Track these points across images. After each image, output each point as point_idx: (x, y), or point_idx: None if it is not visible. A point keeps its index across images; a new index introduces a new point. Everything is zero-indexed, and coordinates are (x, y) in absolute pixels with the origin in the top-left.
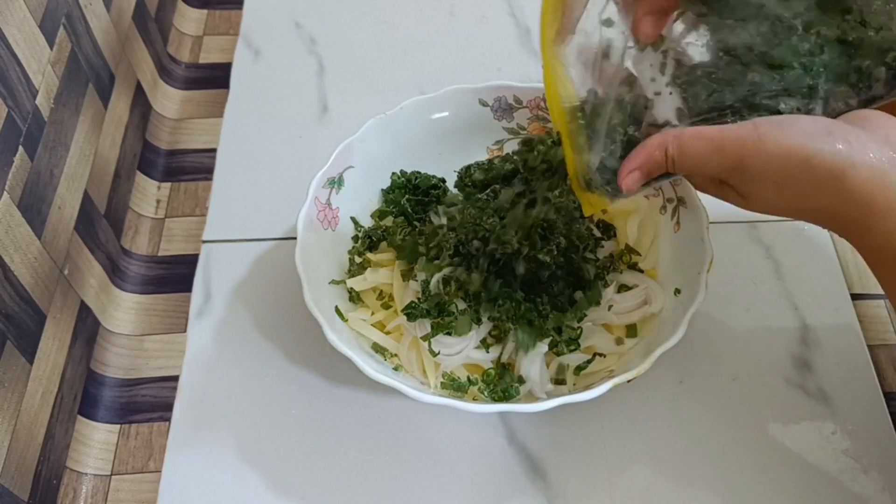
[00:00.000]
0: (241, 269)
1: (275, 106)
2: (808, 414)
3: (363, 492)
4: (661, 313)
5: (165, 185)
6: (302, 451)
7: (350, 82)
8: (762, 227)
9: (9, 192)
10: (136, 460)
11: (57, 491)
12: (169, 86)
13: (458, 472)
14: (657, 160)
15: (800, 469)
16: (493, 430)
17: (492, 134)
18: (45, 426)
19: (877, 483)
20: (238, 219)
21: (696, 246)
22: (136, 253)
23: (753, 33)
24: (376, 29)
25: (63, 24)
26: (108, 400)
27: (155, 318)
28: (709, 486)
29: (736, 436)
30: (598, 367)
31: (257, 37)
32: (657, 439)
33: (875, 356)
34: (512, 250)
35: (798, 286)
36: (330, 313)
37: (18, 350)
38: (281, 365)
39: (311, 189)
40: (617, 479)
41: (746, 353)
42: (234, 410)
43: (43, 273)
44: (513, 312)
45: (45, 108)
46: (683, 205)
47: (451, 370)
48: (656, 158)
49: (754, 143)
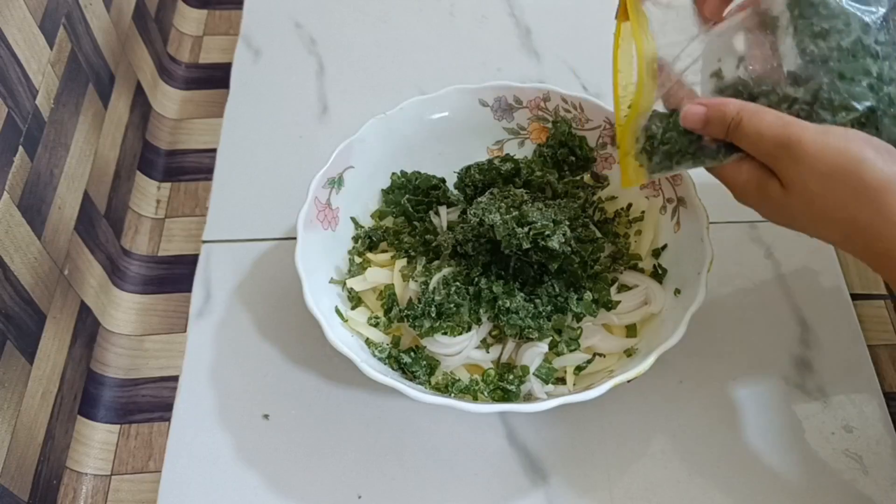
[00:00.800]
0: (242, 270)
1: (275, 106)
2: (808, 414)
3: (363, 492)
4: (661, 313)
5: (165, 186)
6: (302, 451)
7: (350, 82)
8: (762, 228)
9: (9, 192)
10: (136, 460)
11: (57, 491)
12: (169, 86)
13: (458, 472)
14: (725, 113)
15: (800, 469)
16: (494, 430)
17: (492, 134)
18: (45, 426)
19: (877, 483)
20: (238, 219)
21: (696, 246)
22: (136, 253)
23: (833, 45)
24: (376, 29)
25: (63, 25)
26: (108, 400)
27: (155, 319)
28: (709, 487)
29: (736, 436)
30: (598, 368)
31: (257, 37)
32: (657, 439)
33: (875, 356)
34: (519, 245)
35: (798, 286)
36: (330, 313)
37: (18, 350)
38: (281, 365)
39: (311, 189)
40: (617, 479)
41: (746, 353)
42: (234, 410)
43: (43, 273)
44: (514, 315)
45: (45, 109)
46: (683, 205)
47: (452, 370)
48: (726, 111)
49: (817, 130)
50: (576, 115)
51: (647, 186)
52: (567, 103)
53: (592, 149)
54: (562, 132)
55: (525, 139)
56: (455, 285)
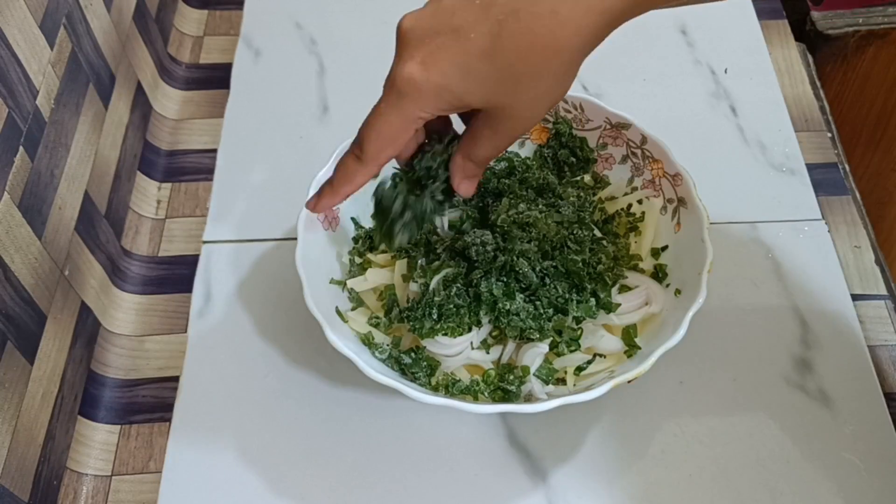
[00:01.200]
0: (242, 270)
1: (275, 106)
2: (808, 414)
3: (363, 492)
4: (662, 314)
5: (166, 186)
6: (302, 452)
7: (350, 82)
8: (762, 228)
9: (9, 192)
10: (136, 461)
11: (57, 491)
12: (169, 86)
13: (458, 472)
14: (346, 163)
15: (800, 470)
16: (494, 430)
17: None
18: (46, 427)
19: (877, 484)
20: (238, 219)
21: (696, 246)
22: (137, 253)
23: None
24: (376, 29)
25: (63, 25)
26: (109, 400)
27: (155, 319)
28: (709, 487)
29: (736, 436)
30: (598, 368)
31: (258, 37)
32: (657, 439)
33: (875, 356)
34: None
35: (798, 286)
36: (330, 314)
37: (19, 351)
38: (281, 365)
39: (311, 189)
40: (617, 479)
41: (746, 354)
42: (234, 410)
43: (43, 273)
44: (516, 318)
45: (45, 109)
46: (684, 205)
47: (452, 371)
48: (345, 164)
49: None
50: (576, 116)
51: (647, 187)
52: (567, 103)
53: (593, 149)
54: (562, 133)
55: (525, 139)
56: (455, 286)
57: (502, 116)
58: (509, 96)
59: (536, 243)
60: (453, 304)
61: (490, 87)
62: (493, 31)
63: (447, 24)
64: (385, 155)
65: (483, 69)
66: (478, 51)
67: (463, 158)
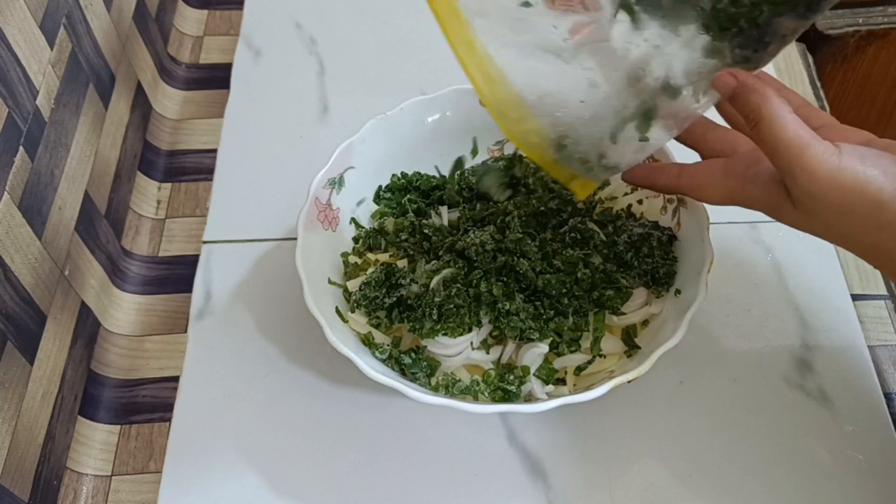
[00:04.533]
0: (242, 270)
1: (275, 106)
2: (808, 414)
3: (363, 492)
4: (662, 314)
5: (166, 186)
6: (302, 452)
7: (350, 82)
8: (763, 228)
9: (9, 192)
10: (136, 461)
11: (57, 492)
12: (169, 86)
13: (458, 472)
14: (747, 101)
15: (800, 470)
16: (494, 430)
17: (492, 134)
18: (46, 427)
19: (878, 484)
20: (238, 219)
21: (696, 246)
22: (137, 253)
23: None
24: (376, 29)
25: (63, 25)
26: (109, 400)
27: (155, 319)
28: (709, 487)
29: (736, 436)
30: (598, 368)
31: (258, 37)
32: (657, 439)
33: (875, 356)
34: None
35: (798, 286)
36: (330, 314)
37: (19, 351)
38: (281, 365)
39: (311, 189)
40: (617, 479)
41: (746, 354)
42: (234, 410)
43: (43, 274)
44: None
45: (45, 109)
46: (683, 205)
47: (452, 371)
48: (748, 99)
49: (832, 157)
50: None
51: None
52: None
53: None
54: None
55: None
56: (455, 287)
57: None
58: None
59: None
60: (453, 305)
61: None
62: None
63: None
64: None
65: None
66: None
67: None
